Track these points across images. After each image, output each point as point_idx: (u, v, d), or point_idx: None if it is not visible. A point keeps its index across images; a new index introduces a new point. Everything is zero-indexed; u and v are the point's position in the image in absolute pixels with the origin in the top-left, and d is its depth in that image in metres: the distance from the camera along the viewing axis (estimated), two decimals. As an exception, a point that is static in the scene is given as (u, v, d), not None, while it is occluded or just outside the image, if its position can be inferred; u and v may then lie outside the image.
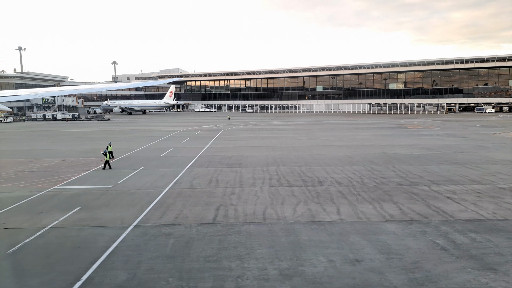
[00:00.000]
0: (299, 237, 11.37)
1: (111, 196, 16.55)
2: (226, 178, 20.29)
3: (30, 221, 13.23)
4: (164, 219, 13.38)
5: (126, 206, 15.01)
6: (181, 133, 49.14)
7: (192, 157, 28.13)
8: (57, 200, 16.05)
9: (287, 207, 14.63)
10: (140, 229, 12.30)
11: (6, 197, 16.57)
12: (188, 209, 14.57)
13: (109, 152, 27.19)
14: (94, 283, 8.70)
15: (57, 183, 19.33)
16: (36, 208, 14.84)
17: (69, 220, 13.29)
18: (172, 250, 10.53)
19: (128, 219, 13.39)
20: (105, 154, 23.47)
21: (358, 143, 36.32)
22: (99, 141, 39.55)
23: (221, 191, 17.40)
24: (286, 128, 58.12)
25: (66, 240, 11.42)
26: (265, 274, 8.96)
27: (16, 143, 38.90)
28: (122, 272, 9.23)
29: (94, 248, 10.77)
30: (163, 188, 18.11)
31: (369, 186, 17.94)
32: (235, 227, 12.37)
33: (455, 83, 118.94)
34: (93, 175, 21.38)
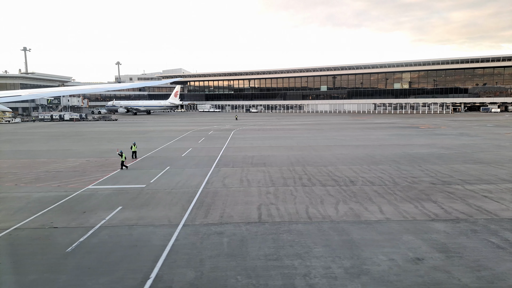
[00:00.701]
0: (351, 236, 11.46)
1: (148, 196, 16.67)
2: (255, 177, 20.40)
3: (77, 220, 13.35)
4: (210, 218, 13.50)
5: (168, 205, 15.13)
6: (193, 133, 49.27)
7: (214, 156, 28.25)
8: (95, 199, 16.18)
9: (328, 206, 14.72)
10: (190, 228, 12.42)
11: (43, 196, 16.71)
12: (230, 208, 14.68)
13: (133, 151, 27.49)
14: (164, 281, 8.80)
15: (89, 183, 19.46)
16: (78, 208, 14.95)
17: (116, 219, 13.42)
18: (229, 249, 10.64)
19: (174, 218, 13.50)
20: (121, 155, 23.57)
21: (374, 142, 36.38)
22: (116, 141, 39.71)
23: (256, 190, 17.50)
24: (297, 128, 58.20)
25: (120, 239, 11.53)
26: (331, 273, 9.06)
27: (33, 144, 38.93)
28: (188, 270, 9.34)
29: (151, 247, 10.87)
30: (197, 187, 18.23)
31: (402, 186, 18.01)
32: (283, 226, 12.46)
33: (460, 82, 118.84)
34: (122, 175, 21.48)
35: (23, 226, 12.74)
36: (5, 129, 61.15)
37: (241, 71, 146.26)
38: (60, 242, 11.34)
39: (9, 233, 12.04)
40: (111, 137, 45.03)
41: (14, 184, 19.15)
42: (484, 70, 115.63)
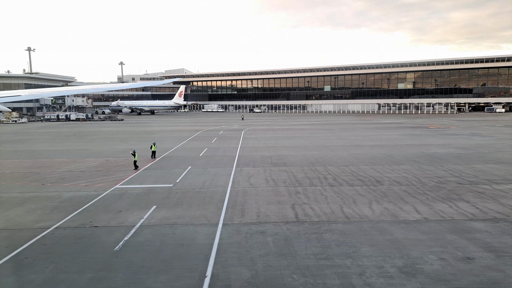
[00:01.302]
0: (394, 236, 11.49)
1: (179, 195, 16.72)
2: (280, 177, 20.42)
3: (116, 220, 13.41)
4: (247, 217, 13.54)
5: (202, 205, 15.16)
6: (204, 133, 49.31)
7: (232, 156, 28.30)
8: (127, 199, 16.22)
9: (362, 206, 14.76)
10: (231, 227, 12.47)
11: (74, 196, 16.76)
12: (264, 207, 14.72)
13: (152, 151, 27.57)
14: (221, 279, 8.85)
15: (115, 182, 19.51)
16: (112, 207, 15.02)
17: (154, 218, 13.48)
18: (276, 248, 10.67)
19: (212, 217, 13.55)
20: (133, 154, 23.64)
21: (389, 142, 36.35)
22: (129, 141, 39.78)
23: (284, 190, 17.54)
24: (306, 128, 58.22)
25: (165, 238, 11.58)
26: (386, 272, 9.10)
27: (47, 143, 39.04)
28: (242, 269, 9.39)
29: (198, 245, 10.93)
30: (224, 187, 18.28)
31: (430, 186, 18.04)
32: (323, 226, 12.50)
33: (464, 82, 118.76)
34: (146, 175, 21.48)
35: (63, 225, 12.81)
36: (13, 129, 61.27)
37: (244, 71, 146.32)
38: (106, 240, 11.40)
39: (52, 232, 12.11)
40: (123, 137, 45.08)
41: (41, 184, 19.24)
42: (489, 70, 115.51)
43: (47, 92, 22.18)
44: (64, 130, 56.95)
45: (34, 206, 15.11)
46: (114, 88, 58.74)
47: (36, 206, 15.10)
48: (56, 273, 9.24)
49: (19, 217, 13.79)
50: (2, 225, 12.86)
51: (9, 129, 60.82)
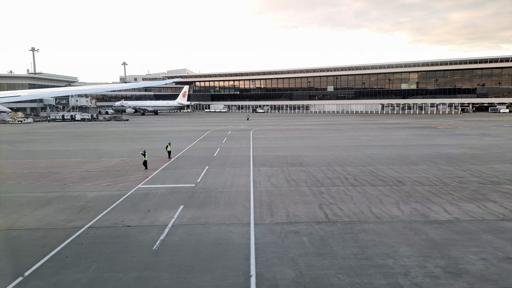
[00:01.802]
0: (430, 236, 11.48)
1: (203, 195, 16.72)
2: (300, 177, 20.41)
3: (147, 219, 13.42)
4: (277, 217, 13.54)
5: (229, 204, 15.18)
6: (212, 133, 49.35)
7: (246, 156, 28.30)
8: (153, 198, 16.22)
9: (390, 206, 14.75)
10: (263, 227, 12.47)
11: (99, 196, 16.79)
12: (292, 207, 14.74)
13: (168, 151, 27.60)
14: (267, 278, 8.86)
15: (136, 182, 19.52)
16: (141, 206, 15.03)
17: (185, 218, 13.50)
18: (314, 247, 10.69)
19: (242, 217, 13.56)
20: (143, 154, 23.62)
21: (401, 143, 36.29)
22: (139, 141, 39.83)
23: (308, 190, 17.54)
24: (313, 128, 58.22)
25: (200, 237, 11.59)
26: (430, 272, 9.10)
27: (58, 143, 39.03)
28: (285, 268, 9.39)
29: (235, 245, 10.95)
30: (246, 187, 18.28)
31: (453, 186, 18.02)
32: (356, 226, 12.51)
33: (468, 83, 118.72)
34: (166, 174, 21.48)
35: (96, 225, 12.84)
36: (21, 129, 61.35)
37: (246, 72, 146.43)
38: (142, 240, 11.43)
39: (86, 232, 12.14)
40: (132, 137, 45.10)
41: (63, 184, 19.26)
42: (492, 70, 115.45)
43: (47, 92, 22.07)
44: (72, 130, 57.01)
45: (62, 206, 15.14)
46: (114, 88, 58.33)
47: (64, 206, 15.15)
48: (100, 272, 9.27)
49: (49, 216, 13.83)
50: (34, 225, 12.90)
51: (17, 129, 60.90)
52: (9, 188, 18.36)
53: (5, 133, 53.13)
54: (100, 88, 42.11)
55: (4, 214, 14.06)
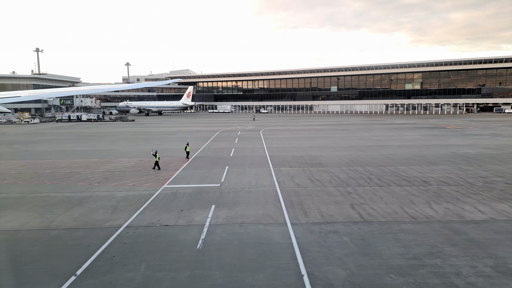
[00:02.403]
0: (471, 236, 11.47)
1: (232, 195, 16.77)
2: (323, 177, 20.41)
3: (183, 219, 13.46)
4: (312, 217, 13.55)
5: (260, 204, 15.21)
6: (222, 133, 49.40)
7: (263, 156, 28.32)
8: (182, 198, 16.23)
9: (422, 206, 14.73)
10: (301, 227, 12.49)
11: (128, 195, 16.83)
12: (324, 207, 14.76)
13: (187, 151, 27.65)
14: (320, 278, 8.89)
15: (160, 181, 19.54)
16: (172, 206, 15.06)
17: (220, 218, 13.53)
18: (358, 247, 10.69)
19: (276, 217, 13.59)
20: (155, 155, 23.61)
21: (414, 143, 36.23)
22: (152, 141, 39.92)
23: (334, 190, 17.54)
24: (322, 128, 58.22)
25: (241, 237, 11.63)
26: (482, 271, 9.11)
27: (73, 144, 39.03)
28: (335, 268, 9.41)
29: (278, 244, 10.96)
30: (271, 186, 18.29)
31: (479, 186, 18.02)
32: (394, 226, 12.51)
33: (472, 83, 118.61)
34: (188, 174, 21.49)
35: (133, 225, 12.88)
36: (29, 129, 61.48)
37: (250, 72, 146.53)
38: (184, 239, 11.46)
39: (126, 231, 12.19)
40: (144, 137, 45.16)
41: (88, 184, 19.34)
42: (497, 70, 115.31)
43: (46, 93, 22.02)
44: (82, 131, 57.12)
45: (94, 206, 15.20)
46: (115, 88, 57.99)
47: (96, 206, 15.21)
48: (152, 271, 9.31)
49: (84, 216, 13.89)
50: (71, 225, 12.95)
51: (25, 129, 61.03)
52: (36, 188, 18.41)
53: (15, 133, 53.30)
54: (101, 88, 41.79)
55: (39, 214, 14.13)
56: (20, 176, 21.62)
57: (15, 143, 39.56)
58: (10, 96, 15.16)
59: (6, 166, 25.15)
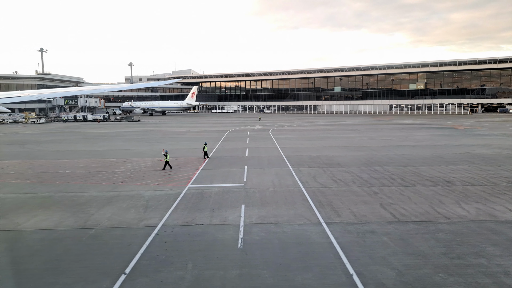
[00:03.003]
0: (510, 235, 11.51)
1: (259, 194, 16.78)
2: (345, 177, 20.41)
3: (216, 218, 13.49)
4: (344, 217, 13.56)
5: (289, 204, 15.24)
6: (231, 134, 49.43)
7: (278, 156, 28.34)
8: (210, 197, 16.25)
9: (452, 206, 14.72)
10: (337, 226, 12.50)
11: (155, 195, 16.83)
12: (355, 207, 14.77)
13: (204, 151, 27.68)
14: (369, 277, 8.89)
15: (184, 181, 19.57)
16: (202, 205, 15.08)
17: (253, 217, 13.54)
18: (399, 247, 10.68)
19: (309, 216, 13.61)
20: (165, 155, 23.59)
21: (427, 143, 36.19)
22: (164, 141, 40.02)
23: (359, 190, 17.53)
24: (330, 128, 58.20)
25: (279, 236, 11.64)
26: (530, 270, 9.17)
27: (85, 144, 39.10)
28: (382, 267, 9.41)
29: (319, 244, 10.98)
30: (296, 186, 18.30)
31: (504, 186, 17.96)
32: (430, 226, 12.50)
33: (477, 83, 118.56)
34: (209, 174, 21.50)
35: (168, 223, 12.91)
36: (37, 129, 61.58)
37: (253, 72, 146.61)
38: (223, 238, 11.49)
39: (163, 230, 12.22)
40: (154, 137, 45.16)
41: (112, 183, 19.39)
42: (501, 71, 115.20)
43: (47, 93, 21.91)
44: (90, 131, 57.19)
45: (124, 205, 15.24)
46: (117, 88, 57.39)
47: (126, 205, 15.24)
48: (200, 270, 9.34)
49: (117, 215, 13.92)
50: (107, 224, 13.00)
51: (33, 129, 61.12)
52: (61, 188, 18.44)
53: (24, 133, 53.38)
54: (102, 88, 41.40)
55: (72, 213, 14.18)
56: (42, 175, 21.67)
57: (27, 143, 39.61)
58: (10, 96, 15.07)
59: (25, 166, 25.21)
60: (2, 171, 23.18)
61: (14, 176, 21.65)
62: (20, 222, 13.16)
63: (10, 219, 13.51)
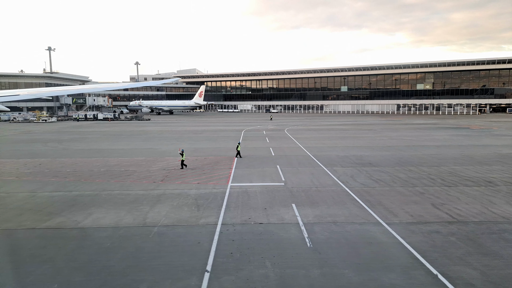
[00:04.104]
0: None
1: (304, 193, 16.73)
2: (383, 177, 20.31)
3: (272, 217, 13.45)
4: (402, 217, 13.46)
5: (339, 203, 15.19)
6: (247, 133, 49.42)
7: (306, 156, 28.27)
8: (256, 196, 16.23)
9: (505, 207, 14.60)
10: (398, 226, 12.41)
11: (200, 193, 16.82)
12: (407, 207, 14.66)
13: (238, 151, 27.69)
14: (455, 277, 8.81)
15: (222, 179, 19.57)
16: (252, 204, 15.06)
17: (309, 216, 13.51)
18: (471, 247, 10.59)
19: (365, 216, 13.53)
20: (182, 154, 23.59)
21: (450, 143, 36.05)
22: (183, 140, 40.14)
23: (403, 190, 17.45)
24: (344, 128, 58.05)
25: (344, 235, 11.60)
26: None
27: (107, 142, 39.23)
28: (463, 267, 9.33)
29: (389, 244, 10.92)
30: (337, 186, 18.26)
31: (548, 186, 18.02)
32: (492, 226, 12.40)
33: (485, 83, 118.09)
34: (244, 173, 21.47)
35: (227, 222, 12.90)
36: (51, 128, 61.71)
37: (258, 72, 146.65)
38: (288, 237, 11.46)
39: (226, 228, 12.23)
40: (174, 136, 45.15)
41: (152, 182, 19.42)
42: (510, 71, 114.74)
43: (45, 92, 21.75)
44: (105, 130, 57.21)
45: (174, 203, 15.24)
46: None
47: (177, 203, 15.24)
48: (280, 269, 9.32)
49: (172, 213, 13.92)
50: (166, 221, 12.98)
51: (48, 128, 61.28)
52: (103, 186, 18.44)
53: (41, 132, 53.52)
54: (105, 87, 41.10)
55: (127, 211, 14.20)
56: (78, 174, 21.70)
57: (49, 142, 39.66)
58: (9, 95, 14.86)
59: (56, 164, 25.23)
60: (36, 169, 23.28)
61: (50, 174, 21.69)
62: (79, 220, 13.21)
63: (67, 217, 13.57)
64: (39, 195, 16.76)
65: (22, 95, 14.70)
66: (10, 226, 12.63)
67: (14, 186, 18.61)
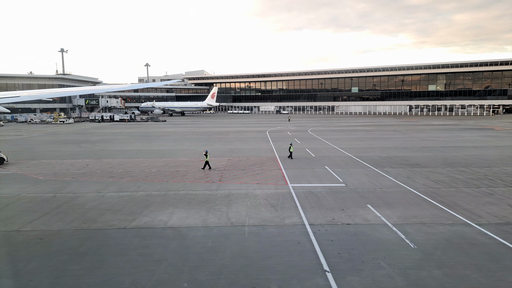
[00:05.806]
0: None
1: (371, 195, 16.65)
2: (440, 178, 20.11)
3: (356, 218, 13.41)
4: (487, 218, 13.30)
5: (414, 204, 15.08)
6: (272, 134, 49.36)
7: (347, 156, 28.19)
8: (325, 197, 16.16)
9: None
10: (491, 227, 12.26)
11: (267, 193, 16.81)
12: (486, 208, 14.50)
13: (290, 151, 27.82)
14: None
15: (278, 180, 19.56)
16: (326, 205, 14.98)
17: (392, 217, 13.39)
18: None
19: (450, 217, 13.39)
20: (206, 155, 23.62)
21: (485, 144, 35.74)
22: (213, 141, 40.30)
23: (470, 191, 17.23)
24: (368, 129, 57.62)
25: (441, 236, 11.49)
26: None
27: (138, 144, 39.49)
28: None
29: (492, 244, 10.79)
30: (401, 187, 18.07)
31: None
32: None
33: (498, 84, 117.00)
34: (297, 174, 21.39)
35: (313, 222, 12.82)
36: (73, 129, 62.11)
37: (268, 73, 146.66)
38: (385, 238, 11.35)
39: (317, 229, 12.14)
40: (201, 137, 45.24)
41: (211, 182, 19.46)
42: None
43: (46, 93, 21.65)
44: (128, 131, 57.44)
45: (249, 203, 15.15)
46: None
47: (251, 203, 15.19)
48: (401, 270, 9.23)
49: (253, 213, 13.86)
50: (254, 221, 12.96)
51: (69, 129, 61.68)
52: (166, 186, 18.49)
53: (65, 133, 53.93)
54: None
55: (205, 211, 14.21)
56: (131, 174, 21.79)
57: (81, 143, 39.94)
58: (10, 96, 14.88)
59: (104, 164, 25.36)
60: (86, 169, 23.43)
61: (105, 174, 21.82)
62: (165, 220, 13.27)
63: (151, 217, 13.62)
64: (107, 195, 16.86)
65: (23, 96, 14.66)
66: (100, 226, 12.74)
67: (77, 187, 18.73)
